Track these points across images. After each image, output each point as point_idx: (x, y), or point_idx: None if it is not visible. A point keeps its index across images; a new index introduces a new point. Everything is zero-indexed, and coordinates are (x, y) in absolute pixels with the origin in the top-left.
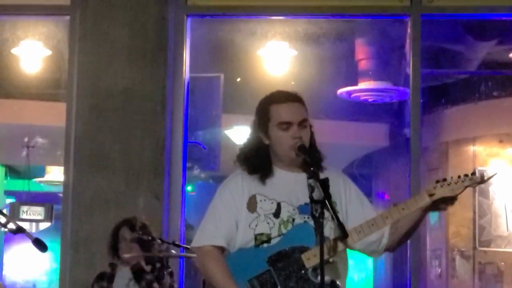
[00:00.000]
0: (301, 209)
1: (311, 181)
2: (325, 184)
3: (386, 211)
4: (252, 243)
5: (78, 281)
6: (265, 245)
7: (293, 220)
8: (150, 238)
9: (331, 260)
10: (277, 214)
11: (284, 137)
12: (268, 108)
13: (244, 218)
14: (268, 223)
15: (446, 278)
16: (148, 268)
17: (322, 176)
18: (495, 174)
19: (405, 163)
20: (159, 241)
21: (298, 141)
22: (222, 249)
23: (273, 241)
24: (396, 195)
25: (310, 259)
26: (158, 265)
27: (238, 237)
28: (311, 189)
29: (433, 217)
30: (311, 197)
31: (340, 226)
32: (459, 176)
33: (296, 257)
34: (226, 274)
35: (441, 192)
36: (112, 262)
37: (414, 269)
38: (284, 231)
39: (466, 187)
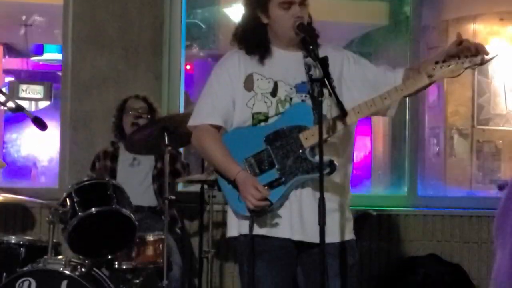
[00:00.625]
0: (299, 88)
1: (308, 59)
2: (324, 63)
3: (385, 92)
4: (250, 122)
5: (78, 160)
6: (262, 124)
7: (291, 99)
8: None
9: (329, 139)
10: (274, 93)
11: (285, 16)
12: None
13: (241, 97)
14: (266, 102)
15: (444, 157)
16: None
17: (319, 53)
18: (495, 56)
19: (405, 42)
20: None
21: (298, 20)
22: (219, 128)
23: (271, 120)
24: None
25: (308, 138)
26: None
27: (235, 116)
28: (308, 68)
29: (431, 94)
30: (309, 76)
31: (339, 104)
32: (458, 57)
33: (294, 136)
34: (224, 151)
35: (440, 73)
36: (114, 141)
37: (412, 148)
38: (281, 110)
39: (466, 68)
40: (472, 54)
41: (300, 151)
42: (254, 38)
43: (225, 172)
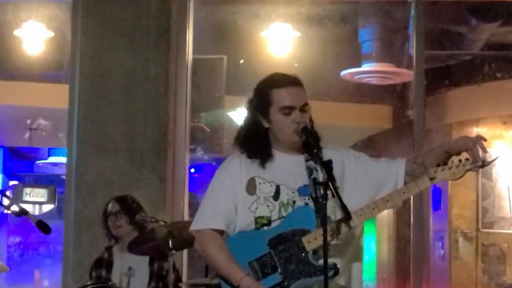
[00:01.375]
0: (301, 191)
1: (310, 163)
2: (328, 166)
3: (388, 195)
4: (253, 226)
5: (81, 263)
6: (265, 228)
7: (294, 202)
8: (139, 213)
9: (332, 242)
10: (276, 196)
11: (286, 121)
12: (269, 92)
13: (244, 201)
14: (268, 206)
15: (449, 260)
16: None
17: (322, 155)
18: (496, 159)
19: (409, 145)
20: (162, 223)
21: (301, 125)
22: (221, 232)
23: (274, 224)
24: None
25: (311, 242)
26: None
27: (238, 220)
28: (310, 171)
29: (436, 199)
30: (313, 180)
31: (343, 207)
32: (460, 160)
33: (296, 240)
34: (227, 257)
35: (442, 176)
36: (109, 246)
37: (417, 251)
38: (284, 213)
39: (467, 171)
40: (474, 156)
41: (303, 254)
42: (255, 142)
43: (228, 277)
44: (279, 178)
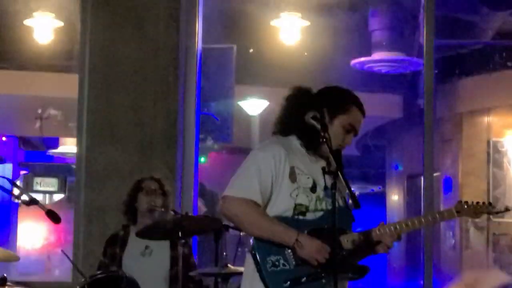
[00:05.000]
0: (325, 192)
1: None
2: (338, 155)
3: (416, 218)
4: (290, 212)
5: (92, 252)
6: (300, 217)
7: (325, 200)
8: (162, 209)
9: None
10: (313, 189)
11: (341, 136)
12: (350, 105)
13: (286, 187)
14: (307, 196)
15: (460, 249)
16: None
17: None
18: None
19: (419, 134)
20: (172, 212)
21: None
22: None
23: (308, 215)
24: (410, 166)
25: (348, 241)
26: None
27: (277, 203)
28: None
29: (447, 188)
30: (323, 168)
31: (353, 196)
32: (483, 203)
33: (335, 236)
34: (273, 219)
35: (466, 212)
36: (126, 224)
37: (428, 241)
38: (319, 207)
39: (488, 214)
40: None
41: (340, 251)
42: (311, 132)
43: (278, 237)
44: (313, 173)
